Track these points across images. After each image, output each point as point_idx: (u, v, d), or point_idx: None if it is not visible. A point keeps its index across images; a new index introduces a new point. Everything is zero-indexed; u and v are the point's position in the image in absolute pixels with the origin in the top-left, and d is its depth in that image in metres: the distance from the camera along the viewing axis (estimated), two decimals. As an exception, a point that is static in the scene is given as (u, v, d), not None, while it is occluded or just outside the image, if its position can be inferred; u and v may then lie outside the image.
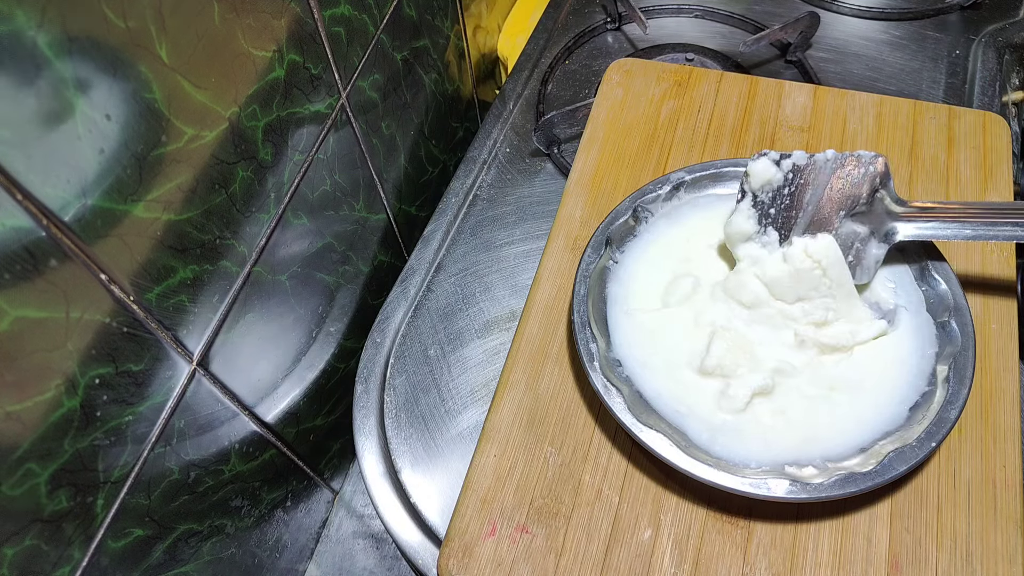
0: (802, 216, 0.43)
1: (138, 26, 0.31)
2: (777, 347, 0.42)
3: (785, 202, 0.43)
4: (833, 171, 0.42)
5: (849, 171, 0.42)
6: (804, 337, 0.41)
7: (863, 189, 0.41)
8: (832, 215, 0.42)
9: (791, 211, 0.43)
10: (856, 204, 0.41)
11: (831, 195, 0.42)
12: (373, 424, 0.52)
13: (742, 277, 0.43)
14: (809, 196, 0.42)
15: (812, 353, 0.41)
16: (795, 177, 0.43)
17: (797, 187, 0.43)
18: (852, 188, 0.41)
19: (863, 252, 0.42)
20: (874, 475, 0.36)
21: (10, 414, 0.29)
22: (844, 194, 0.42)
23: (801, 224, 0.43)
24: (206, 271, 0.40)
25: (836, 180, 0.42)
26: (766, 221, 0.43)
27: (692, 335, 0.42)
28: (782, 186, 0.43)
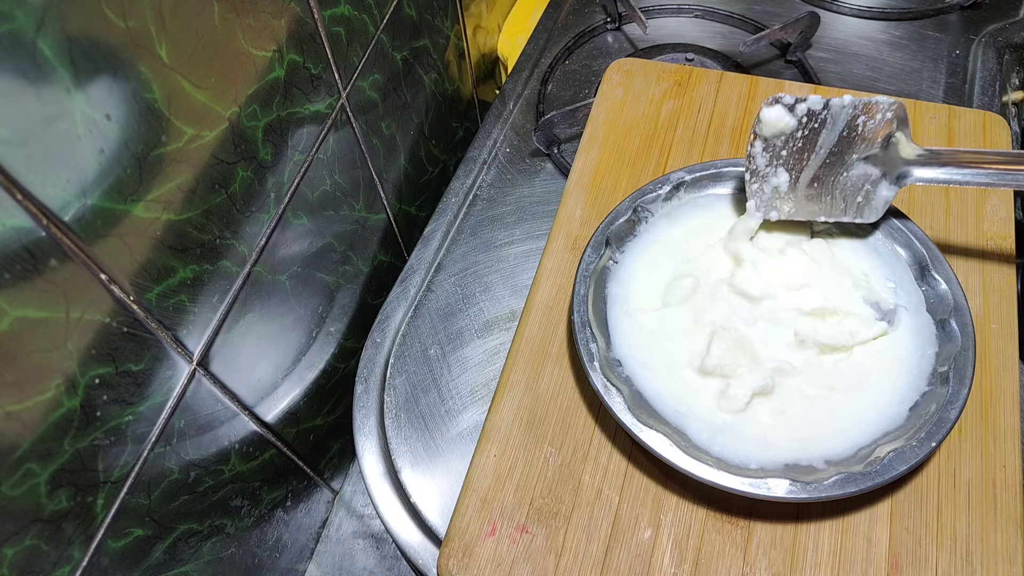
0: (814, 158, 0.43)
1: (138, 26, 0.31)
2: (777, 347, 0.42)
3: (798, 144, 0.43)
4: (850, 117, 0.42)
5: (865, 118, 0.42)
6: (804, 337, 0.41)
7: (879, 134, 0.41)
8: (845, 157, 0.42)
9: (803, 153, 0.43)
10: (871, 148, 0.41)
11: (846, 140, 0.42)
12: (373, 424, 0.52)
13: (749, 272, 0.43)
14: (823, 139, 0.42)
15: (812, 353, 0.41)
16: (809, 121, 0.43)
17: (811, 131, 0.43)
18: (868, 133, 0.42)
19: (873, 193, 0.42)
20: (874, 475, 0.36)
21: (10, 414, 0.29)
22: (859, 139, 0.42)
23: (812, 166, 0.43)
24: (206, 271, 0.40)
25: (851, 126, 0.42)
26: (777, 162, 0.43)
27: (692, 335, 0.42)
28: (796, 129, 0.43)
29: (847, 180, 0.42)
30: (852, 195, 0.42)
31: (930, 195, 0.49)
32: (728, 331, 0.42)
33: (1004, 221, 0.47)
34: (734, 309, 0.43)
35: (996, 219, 0.48)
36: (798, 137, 0.43)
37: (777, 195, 0.44)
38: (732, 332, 0.42)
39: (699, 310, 0.43)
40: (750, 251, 0.45)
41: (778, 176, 0.43)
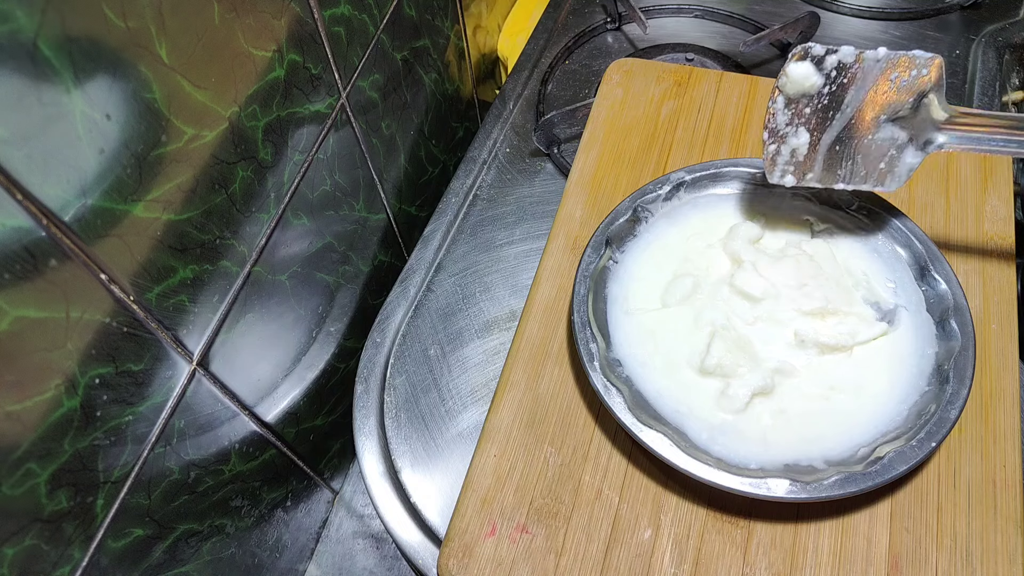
0: (839, 118, 0.40)
1: (138, 26, 0.31)
2: (777, 347, 0.42)
3: (823, 101, 0.40)
4: (882, 72, 0.39)
5: (899, 73, 0.39)
6: (804, 337, 0.41)
7: (911, 94, 0.39)
8: (872, 118, 0.39)
9: (828, 111, 0.40)
10: (900, 108, 0.39)
11: (875, 98, 0.39)
12: (373, 424, 0.52)
13: (749, 272, 0.43)
14: (851, 97, 0.40)
15: (812, 353, 0.41)
16: (838, 76, 0.40)
17: (839, 86, 0.40)
18: (899, 93, 0.39)
19: (897, 159, 0.39)
20: (874, 475, 0.36)
21: (10, 414, 0.29)
22: (889, 98, 0.39)
23: (836, 126, 0.40)
24: (206, 271, 0.40)
25: (883, 82, 0.39)
26: (798, 120, 0.41)
27: (692, 335, 0.42)
28: (823, 85, 0.40)
29: (871, 143, 0.39)
30: (875, 161, 0.39)
31: (930, 195, 0.49)
32: (728, 331, 0.42)
33: (1004, 221, 0.47)
34: (734, 309, 0.43)
35: (996, 219, 0.48)
36: (824, 93, 0.40)
37: (795, 158, 0.41)
38: (732, 332, 0.42)
39: (699, 310, 0.43)
40: (750, 251, 0.45)
41: (798, 136, 0.40)
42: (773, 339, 0.42)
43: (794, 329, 0.42)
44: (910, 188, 0.49)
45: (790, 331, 0.42)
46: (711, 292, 0.44)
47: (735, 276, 0.44)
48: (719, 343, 0.41)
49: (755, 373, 0.40)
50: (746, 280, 0.43)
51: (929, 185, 0.49)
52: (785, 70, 0.40)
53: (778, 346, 0.42)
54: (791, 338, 0.42)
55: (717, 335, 0.42)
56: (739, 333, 0.42)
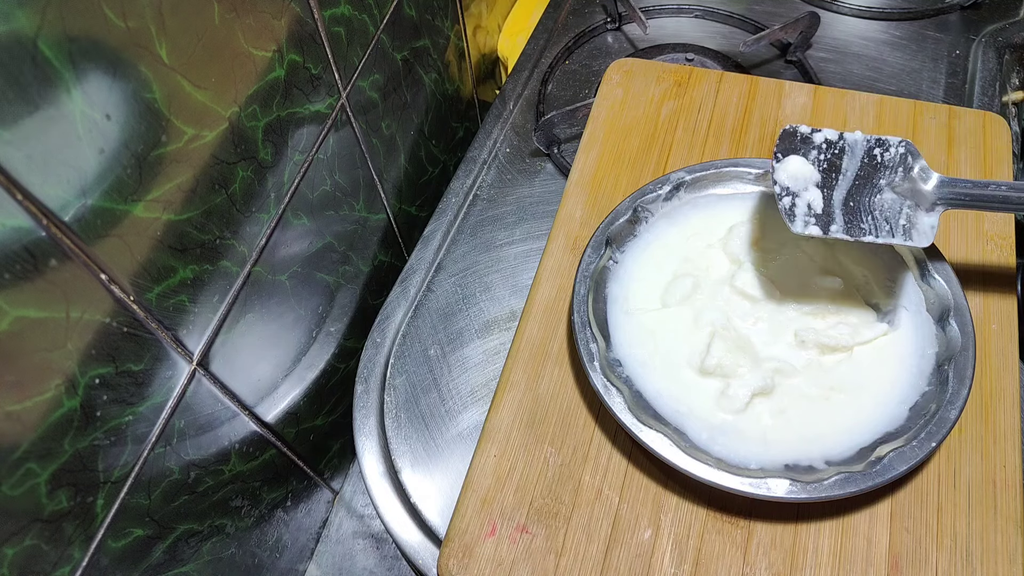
0: (842, 180, 0.42)
1: (138, 26, 0.31)
2: (777, 347, 0.42)
3: (823, 166, 0.42)
4: (865, 148, 0.42)
5: (880, 150, 0.42)
6: (804, 337, 0.41)
7: (896, 170, 0.41)
8: (873, 181, 0.42)
9: (831, 174, 0.42)
10: (893, 181, 0.41)
11: (868, 166, 0.42)
12: (373, 424, 0.52)
13: (749, 273, 0.43)
14: (846, 164, 0.42)
15: (812, 353, 0.41)
16: (828, 148, 0.42)
17: (833, 155, 0.42)
18: (884, 168, 0.41)
19: (914, 218, 0.41)
20: (874, 475, 0.36)
21: (10, 414, 0.29)
22: (881, 167, 0.42)
23: (843, 187, 0.42)
24: (206, 271, 0.40)
25: (870, 155, 0.42)
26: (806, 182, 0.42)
27: (692, 335, 0.42)
28: (819, 154, 0.42)
29: (882, 203, 0.41)
30: (894, 218, 0.41)
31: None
32: (728, 331, 0.42)
33: (1004, 221, 0.48)
34: (734, 309, 0.43)
35: (996, 219, 0.48)
36: (822, 160, 0.42)
37: (813, 211, 0.41)
38: (732, 332, 0.42)
39: (699, 310, 0.43)
40: (750, 252, 0.45)
41: (809, 192, 0.42)
42: (773, 339, 0.42)
43: (794, 329, 0.42)
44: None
45: (790, 331, 0.42)
46: (711, 292, 0.44)
47: (735, 276, 0.44)
48: (719, 343, 0.41)
49: (755, 373, 0.40)
50: (746, 280, 0.43)
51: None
52: (779, 159, 0.42)
53: (778, 346, 0.42)
54: (791, 338, 0.42)
55: (717, 335, 0.42)
56: (739, 333, 0.42)
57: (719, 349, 0.41)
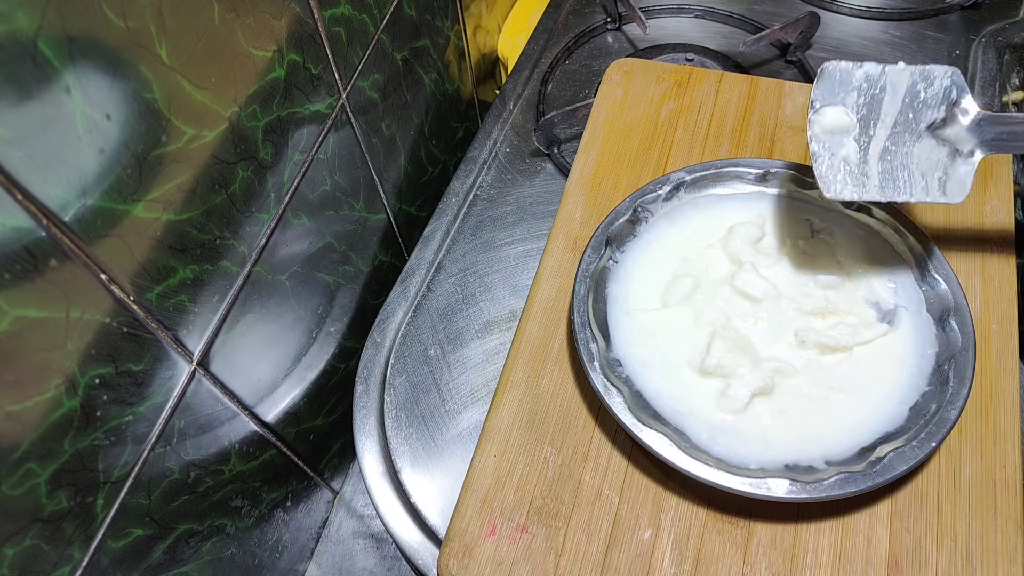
0: (880, 128, 0.40)
1: (138, 26, 0.31)
2: (778, 347, 0.42)
3: (862, 112, 0.41)
4: (909, 82, 0.40)
5: (924, 84, 0.40)
6: (804, 337, 0.41)
7: (939, 107, 0.39)
8: (913, 127, 0.40)
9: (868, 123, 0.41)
10: (935, 120, 0.39)
11: (909, 106, 0.40)
12: (373, 424, 0.52)
13: (749, 273, 0.43)
14: (886, 107, 0.40)
15: (812, 353, 0.41)
16: (869, 88, 0.40)
17: (872, 98, 0.40)
18: (926, 107, 0.39)
19: (952, 168, 0.39)
20: (874, 475, 0.36)
21: (10, 414, 0.29)
22: (923, 106, 0.40)
23: (880, 136, 0.40)
24: (206, 271, 0.40)
25: (912, 92, 0.40)
26: (842, 136, 0.41)
27: (692, 335, 0.42)
28: (858, 96, 0.40)
29: (920, 153, 0.39)
30: (931, 171, 0.39)
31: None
32: (728, 331, 0.42)
33: (1004, 221, 0.47)
34: (734, 309, 0.43)
35: (996, 219, 0.48)
36: (861, 104, 0.40)
37: (849, 170, 0.40)
38: (732, 332, 0.42)
39: (699, 310, 0.43)
40: (750, 252, 0.45)
41: (845, 146, 0.40)
42: (773, 339, 0.42)
43: (794, 329, 0.42)
44: (910, 188, 0.49)
45: (790, 331, 0.42)
46: (711, 292, 0.44)
47: (735, 277, 0.44)
48: (719, 343, 0.41)
49: (755, 373, 0.40)
50: (746, 280, 0.43)
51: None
52: (816, 110, 0.40)
53: (778, 346, 0.42)
54: (791, 338, 0.42)
55: (717, 335, 0.42)
56: (739, 333, 0.42)
57: (719, 349, 0.41)
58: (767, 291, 0.43)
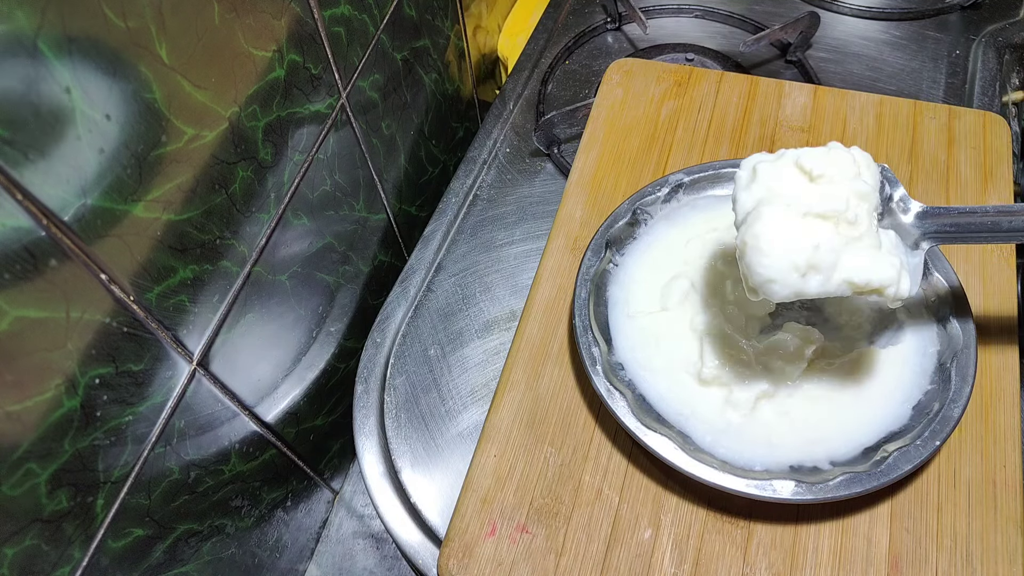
0: None
1: (138, 26, 0.31)
2: (776, 349, 0.42)
3: None
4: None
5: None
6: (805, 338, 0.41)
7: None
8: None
9: None
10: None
11: None
12: (373, 424, 0.52)
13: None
14: None
15: (812, 355, 0.41)
16: None
17: None
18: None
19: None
20: (879, 475, 0.36)
21: (10, 414, 0.29)
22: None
23: None
24: (206, 271, 0.40)
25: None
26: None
27: (689, 340, 0.42)
28: None
29: None
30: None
31: (930, 195, 0.49)
32: (723, 336, 0.42)
33: (1004, 221, 0.47)
34: (730, 312, 0.43)
35: (996, 219, 0.48)
36: None
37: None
38: (729, 336, 0.42)
39: (693, 314, 0.43)
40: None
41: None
42: (772, 343, 0.42)
43: (794, 330, 0.42)
44: (910, 188, 0.49)
45: (788, 333, 0.42)
46: (705, 297, 0.44)
47: (732, 279, 0.44)
48: (711, 354, 0.41)
49: (756, 377, 0.40)
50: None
51: (929, 185, 0.49)
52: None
53: (778, 347, 0.42)
54: (791, 339, 0.42)
55: (711, 342, 0.41)
56: (733, 340, 0.42)
57: (712, 360, 0.41)
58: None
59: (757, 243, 0.34)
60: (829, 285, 0.34)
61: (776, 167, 0.36)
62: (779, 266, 0.34)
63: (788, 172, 0.35)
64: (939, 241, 0.37)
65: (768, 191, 0.35)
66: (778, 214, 0.34)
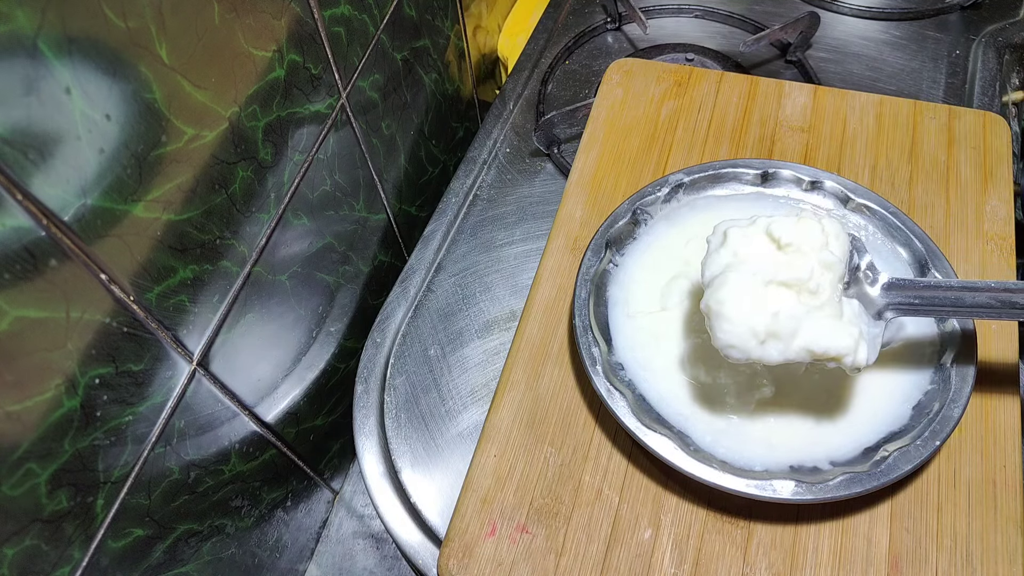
0: None
1: (138, 26, 0.31)
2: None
3: None
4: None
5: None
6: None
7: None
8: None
9: None
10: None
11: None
12: (373, 424, 0.52)
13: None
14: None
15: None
16: None
17: None
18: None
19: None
20: (879, 475, 0.36)
21: (10, 414, 0.29)
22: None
23: None
24: (206, 271, 0.40)
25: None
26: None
27: (690, 340, 0.42)
28: None
29: None
30: None
31: (930, 195, 0.49)
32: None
33: (1004, 221, 0.47)
34: None
35: (996, 219, 0.48)
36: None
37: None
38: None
39: (693, 314, 0.43)
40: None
41: None
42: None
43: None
44: (910, 188, 0.49)
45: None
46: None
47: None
48: (708, 352, 0.41)
49: (756, 377, 0.40)
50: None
51: (929, 185, 0.49)
52: None
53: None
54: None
55: (708, 343, 0.41)
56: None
57: (716, 357, 0.41)
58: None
59: (720, 308, 0.35)
60: (788, 352, 0.35)
61: (746, 233, 0.37)
62: (739, 332, 0.35)
63: (758, 239, 0.37)
64: (902, 313, 0.37)
65: (735, 257, 0.36)
66: (742, 281, 0.35)
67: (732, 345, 0.35)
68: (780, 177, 0.47)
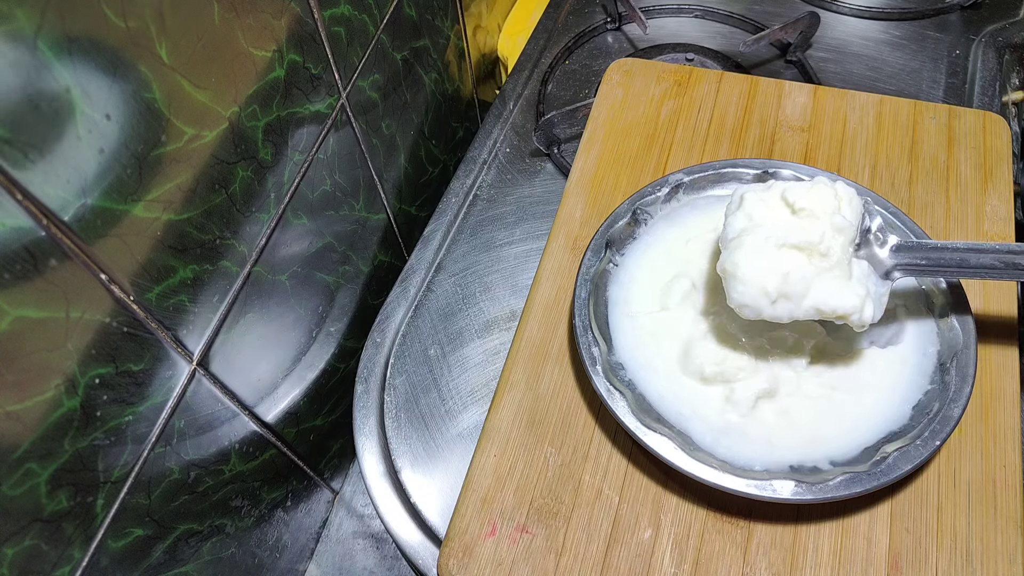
0: None
1: (138, 26, 0.31)
2: (776, 351, 0.42)
3: None
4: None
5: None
6: (804, 340, 0.41)
7: (854, 230, 0.38)
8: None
9: None
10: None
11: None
12: (373, 424, 0.52)
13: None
14: None
15: (813, 354, 0.41)
16: None
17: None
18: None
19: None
20: (879, 475, 0.36)
21: (10, 414, 0.29)
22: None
23: None
24: (206, 271, 0.40)
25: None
26: None
27: (690, 339, 0.42)
28: None
29: None
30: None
31: (930, 195, 0.49)
32: (720, 338, 0.42)
33: (1004, 221, 0.48)
34: (731, 312, 0.43)
35: (996, 219, 0.48)
36: None
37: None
38: (727, 338, 0.42)
39: (693, 313, 0.43)
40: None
41: None
42: (771, 343, 0.42)
43: (793, 330, 0.42)
44: (910, 188, 0.49)
45: (789, 332, 0.42)
46: (708, 294, 0.44)
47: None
48: (717, 348, 0.41)
49: (757, 376, 0.40)
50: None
51: (929, 185, 0.49)
52: None
53: (778, 348, 0.42)
54: (791, 340, 0.42)
55: (714, 339, 0.41)
56: (736, 336, 0.42)
57: (715, 356, 0.41)
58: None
59: (735, 270, 0.37)
60: (798, 311, 0.37)
61: (762, 198, 0.39)
62: (752, 292, 0.37)
63: (773, 203, 0.39)
64: (909, 273, 0.39)
65: (751, 221, 0.38)
66: (756, 244, 0.37)
67: (745, 304, 0.37)
68: (780, 177, 0.47)
